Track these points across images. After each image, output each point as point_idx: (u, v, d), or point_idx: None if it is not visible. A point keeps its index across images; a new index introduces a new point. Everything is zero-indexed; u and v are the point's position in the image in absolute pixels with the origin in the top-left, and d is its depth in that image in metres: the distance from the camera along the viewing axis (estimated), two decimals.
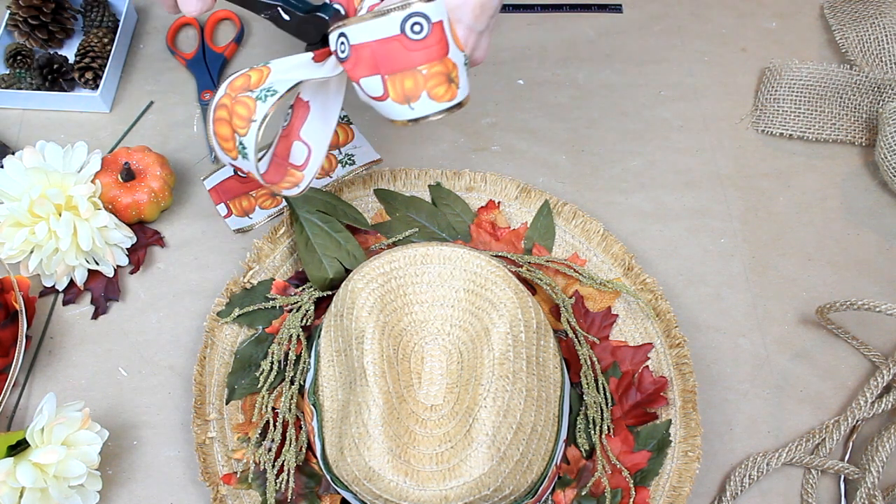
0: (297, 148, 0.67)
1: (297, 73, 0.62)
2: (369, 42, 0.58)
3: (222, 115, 0.62)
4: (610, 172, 0.85)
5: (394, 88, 0.60)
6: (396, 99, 0.60)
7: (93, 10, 0.91)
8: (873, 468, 0.69)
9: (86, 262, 0.76)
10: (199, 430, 0.70)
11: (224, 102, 0.62)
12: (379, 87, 0.60)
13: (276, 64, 0.63)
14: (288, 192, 0.67)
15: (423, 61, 0.58)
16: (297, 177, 0.67)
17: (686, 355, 0.73)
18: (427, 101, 0.60)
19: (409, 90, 0.59)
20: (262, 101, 0.60)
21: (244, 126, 0.61)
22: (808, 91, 0.87)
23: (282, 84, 0.61)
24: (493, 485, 0.59)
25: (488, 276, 0.64)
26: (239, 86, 0.61)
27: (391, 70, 0.59)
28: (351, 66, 0.60)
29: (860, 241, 0.82)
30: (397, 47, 0.58)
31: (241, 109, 0.61)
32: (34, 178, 0.74)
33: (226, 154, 0.64)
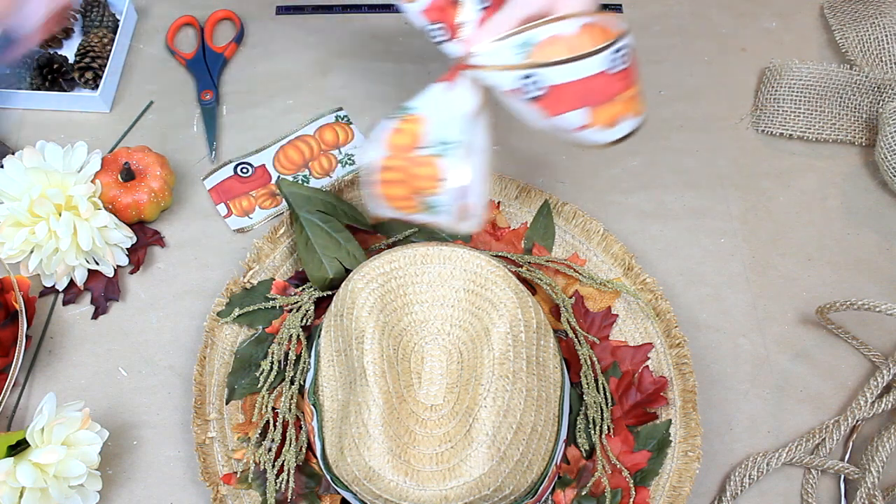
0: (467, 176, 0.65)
1: (445, 109, 0.62)
2: (572, 81, 0.57)
3: (393, 176, 0.62)
4: (610, 172, 0.85)
5: (599, 116, 0.59)
6: (603, 126, 0.60)
7: (93, 10, 0.91)
8: (873, 468, 0.69)
9: (86, 261, 0.76)
10: (199, 430, 0.70)
11: (393, 164, 0.61)
12: (582, 118, 0.59)
13: (420, 105, 0.62)
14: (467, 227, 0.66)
15: (623, 89, 0.59)
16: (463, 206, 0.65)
17: (686, 355, 0.73)
18: (628, 121, 0.60)
19: (614, 116, 0.59)
20: (445, 157, 0.60)
21: (432, 185, 0.61)
22: (808, 91, 0.87)
23: (449, 131, 0.61)
24: (493, 485, 0.59)
25: (488, 276, 0.64)
26: (402, 145, 0.61)
27: (598, 101, 0.58)
28: (549, 104, 0.59)
29: (860, 241, 0.82)
30: (600, 81, 0.58)
31: (423, 170, 0.61)
32: (34, 178, 0.74)
33: (396, 210, 0.64)
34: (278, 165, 0.85)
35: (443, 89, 0.63)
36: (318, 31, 0.94)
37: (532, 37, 0.59)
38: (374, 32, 0.94)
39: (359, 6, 0.95)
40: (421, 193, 0.62)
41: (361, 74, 0.91)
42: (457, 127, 0.61)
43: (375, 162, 0.63)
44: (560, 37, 0.58)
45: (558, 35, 0.58)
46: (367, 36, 0.94)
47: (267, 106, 0.89)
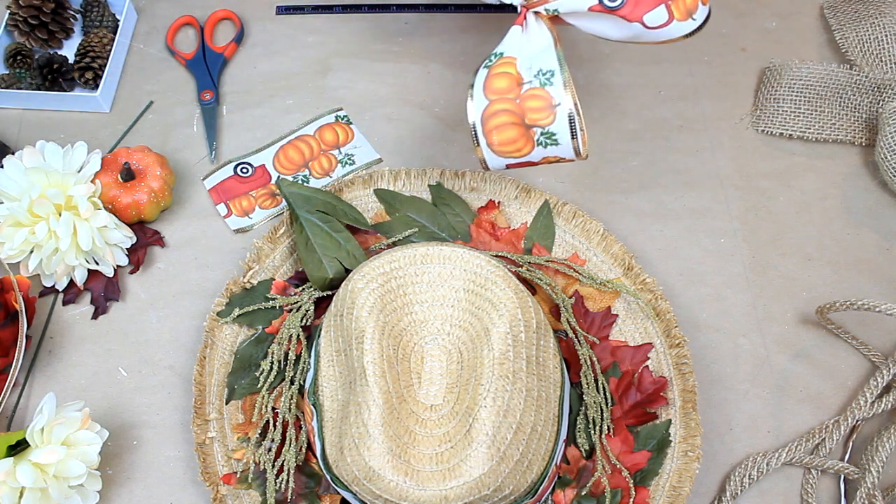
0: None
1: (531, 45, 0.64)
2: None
3: (504, 119, 0.63)
4: (610, 172, 0.85)
5: (678, 8, 0.63)
6: (681, 18, 0.63)
7: (93, 10, 0.91)
8: (873, 468, 0.69)
9: (85, 261, 0.76)
10: (199, 430, 0.70)
11: (501, 108, 0.63)
12: (663, 15, 0.63)
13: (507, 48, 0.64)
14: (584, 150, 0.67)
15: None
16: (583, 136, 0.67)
17: (686, 355, 0.73)
18: (702, 8, 0.64)
19: (690, 5, 0.63)
20: (551, 85, 0.62)
21: (548, 115, 0.63)
22: (808, 91, 0.87)
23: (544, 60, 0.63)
24: (493, 485, 0.59)
25: (488, 276, 0.64)
26: (504, 87, 0.63)
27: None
28: (630, 9, 0.62)
29: (860, 241, 0.82)
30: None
31: (535, 102, 0.63)
32: (34, 178, 0.74)
33: (510, 157, 0.65)
34: (278, 165, 0.85)
35: (520, 32, 0.65)
36: (318, 31, 0.94)
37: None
38: (374, 32, 0.94)
39: (359, 6, 0.95)
40: (537, 125, 0.63)
41: (361, 74, 0.91)
42: (550, 56, 0.63)
43: (482, 113, 0.64)
44: None
45: None
46: (367, 36, 0.94)
47: (267, 106, 0.89)
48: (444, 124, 0.88)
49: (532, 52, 0.64)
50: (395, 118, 0.88)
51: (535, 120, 0.63)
